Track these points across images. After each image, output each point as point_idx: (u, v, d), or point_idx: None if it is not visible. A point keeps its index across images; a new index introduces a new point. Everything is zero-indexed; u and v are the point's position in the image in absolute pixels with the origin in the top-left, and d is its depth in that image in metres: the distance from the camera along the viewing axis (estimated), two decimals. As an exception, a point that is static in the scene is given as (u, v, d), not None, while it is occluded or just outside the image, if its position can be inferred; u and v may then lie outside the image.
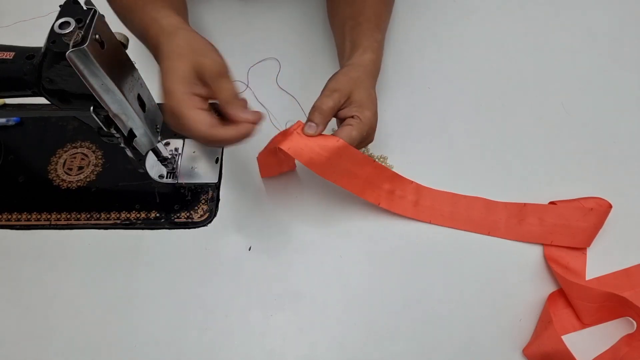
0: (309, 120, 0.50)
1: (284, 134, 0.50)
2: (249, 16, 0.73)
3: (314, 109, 0.50)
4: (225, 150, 0.61)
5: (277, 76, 0.67)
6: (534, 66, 0.69)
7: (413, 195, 0.57)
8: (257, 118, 0.45)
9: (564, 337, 0.48)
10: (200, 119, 0.43)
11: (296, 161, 0.58)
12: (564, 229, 0.55)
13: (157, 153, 0.56)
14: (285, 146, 0.49)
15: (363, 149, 0.61)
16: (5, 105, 0.56)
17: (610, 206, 0.55)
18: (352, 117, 0.51)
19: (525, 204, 0.57)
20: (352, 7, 0.59)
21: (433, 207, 0.57)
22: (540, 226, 0.56)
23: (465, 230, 0.57)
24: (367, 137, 0.52)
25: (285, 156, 0.52)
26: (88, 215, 0.57)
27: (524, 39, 0.71)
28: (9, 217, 0.57)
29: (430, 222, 0.57)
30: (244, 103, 0.46)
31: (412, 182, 0.58)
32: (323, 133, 0.50)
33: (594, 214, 0.54)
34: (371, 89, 0.53)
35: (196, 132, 0.44)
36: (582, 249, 0.55)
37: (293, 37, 0.71)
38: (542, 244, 0.56)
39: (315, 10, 0.73)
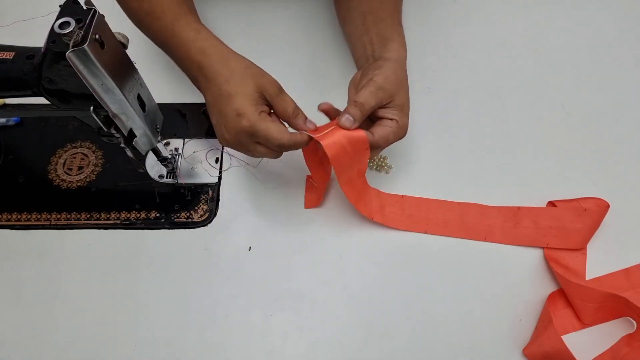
0: (347, 112, 0.47)
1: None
2: (251, 15, 0.73)
3: (355, 103, 0.47)
4: (225, 150, 0.61)
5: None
6: (534, 66, 0.69)
7: (404, 208, 0.57)
8: (315, 128, 0.49)
9: (564, 337, 0.49)
10: (281, 129, 0.47)
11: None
12: (558, 230, 0.55)
13: (157, 153, 0.56)
14: (324, 142, 0.47)
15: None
16: (5, 105, 0.56)
17: (608, 206, 0.55)
18: (392, 119, 0.50)
19: (519, 207, 0.57)
20: (370, 2, 0.57)
21: (428, 218, 0.57)
22: (535, 229, 0.55)
23: (461, 237, 0.56)
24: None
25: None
26: (88, 215, 0.57)
27: (524, 39, 0.71)
28: (9, 217, 0.57)
29: (425, 232, 0.57)
30: (304, 115, 0.49)
31: (402, 196, 0.58)
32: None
33: (588, 215, 0.54)
34: (409, 94, 0.52)
35: (279, 142, 0.46)
36: (582, 248, 0.55)
37: (297, 37, 0.71)
38: (532, 249, 0.56)
39: (319, 10, 0.73)
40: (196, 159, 0.61)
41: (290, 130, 0.48)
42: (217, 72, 0.48)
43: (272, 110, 0.49)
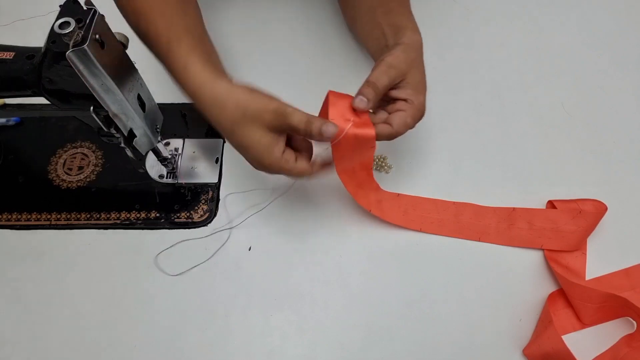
0: (360, 93, 0.46)
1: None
2: (252, 14, 0.73)
3: (367, 83, 0.46)
4: (225, 150, 0.61)
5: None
6: (534, 66, 0.69)
7: (400, 206, 0.57)
8: (334, 132, 0.45)
9: (564, 337, 0.48)
10: (302, 167, 0.47)
11: None
12: (553, 232, 0.55)
13: (157, 153, 0.56)
14: (330, 115, 0.45)
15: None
16: (5, 105, 0.56)
17: (605, 209, 0.55)
18: (405, 100, 0.48)
19: (514, 208, 0.57)
20: None
21: (422, 216, 0.57)
22: (530, 230, 0.56)
23: (455, 237, 0.56)
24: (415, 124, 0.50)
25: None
26: (88, 215, 0.57)
27: (524, 39, 0.71)
28: (9, 217, 0.57)
29: (420, 230, 0.57)
30: (317, 123, 0.44)
31: (398, 194, 0.58)
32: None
33: (583, 217, 0.54)
34: (424, 74, 0.50)
35: (305, 176, 0.48)
36: (576, 250, 0.55)
37: (298, 36, 0.71)
38: (532, 249, 0.56)
39: (320, 9, 0.73)
40: (196, 159, 0.61)
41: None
42: (216, 121, 0.46)
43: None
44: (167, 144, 0.61)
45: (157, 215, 0.57)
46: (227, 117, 0.45)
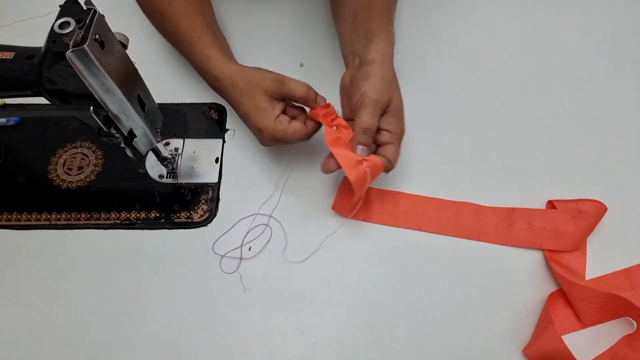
0: (360, 143, 0.49)
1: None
2: (251, 15, 0.73)
3: (363, 131, 0.49)
4: (225, 150, 0.61)
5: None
6: (534, 66, 0.69)
7: (399, 205, 0.57)
8: (325, 104, 0.52)
9: (564, 337, 0.49)
10: (297, 128, 0.52)
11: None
12: (552, 232, 0.55)
13: (157, 153, 0.56)
14: (352, 178, 0.49)
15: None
16: (5, 105, 0.56)
17: (605, 210, 0.55)
18: (389, 131, 0.51)
19: (513, 208, 0.57)
20: (362, 0, 0.57)
21: (422, 215, 0.57)
22: (529, 230, 0.56)
23: (454, 236, 0.56)
24: None
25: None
26: (88, 215, 0.57)
27: (524, 39, 0.71)
28: (9, 217, 0.57)
29: (419, 229, 0.57)
30: (314, 95, 0.52)
31: (398, 192, 0.58)
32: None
33: (582, 217, 0.54)
34: (400, 91, 0.52)
35: (301, 139, 0.52)
36: (575, 250, 0.55)
37: (297, 36, 0.71)
38: (532, 249, 0.56)
39: (319, 10, 0.73)
40: (196, 159, 0.61)
41: None
42: (231, 97, 0.54)
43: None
44: (167, 144, 0.61)
45: (157, 215, 0.57)
46: (237, 91, 0.53)
